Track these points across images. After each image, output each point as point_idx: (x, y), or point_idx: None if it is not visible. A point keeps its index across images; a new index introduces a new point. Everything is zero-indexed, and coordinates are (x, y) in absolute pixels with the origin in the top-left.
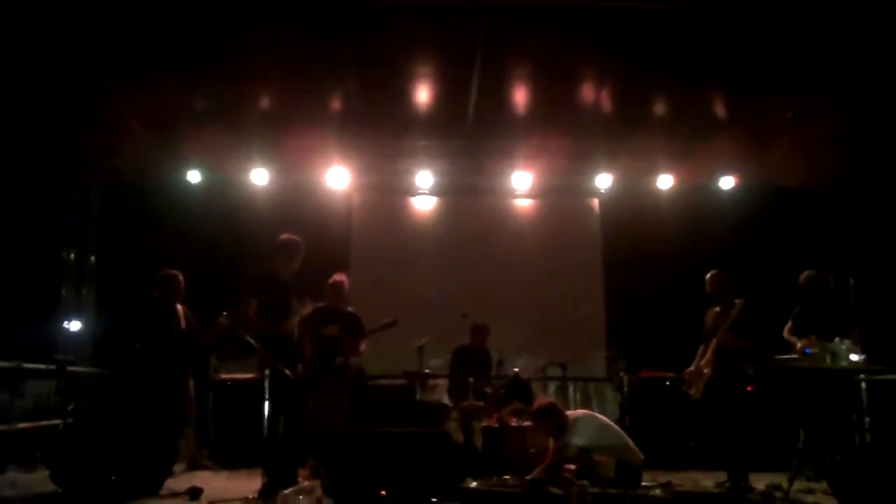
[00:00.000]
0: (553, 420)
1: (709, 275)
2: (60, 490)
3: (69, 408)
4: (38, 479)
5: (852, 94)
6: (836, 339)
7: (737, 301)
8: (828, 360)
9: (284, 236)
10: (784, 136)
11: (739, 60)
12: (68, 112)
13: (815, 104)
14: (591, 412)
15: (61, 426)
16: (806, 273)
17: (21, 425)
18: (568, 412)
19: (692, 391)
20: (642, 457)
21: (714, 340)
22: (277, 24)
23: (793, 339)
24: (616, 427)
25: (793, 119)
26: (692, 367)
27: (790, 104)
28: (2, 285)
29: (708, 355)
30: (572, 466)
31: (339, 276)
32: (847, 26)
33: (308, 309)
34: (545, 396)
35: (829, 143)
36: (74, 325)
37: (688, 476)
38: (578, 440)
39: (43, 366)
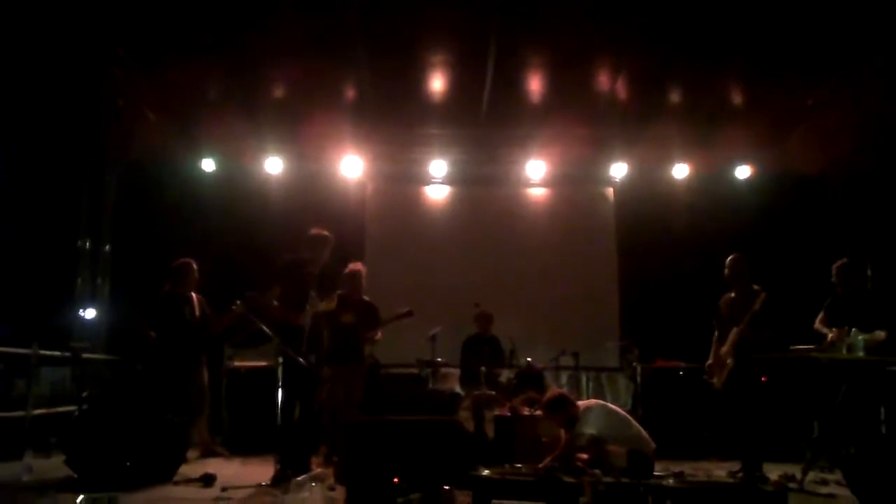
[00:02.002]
0: (564, 411)
1: (729, 258)
2: (76, 475)
3: (84, 394)
4: (54, 465)
5: (872, 82)
6: (853, 330)
7: (755, 287)
8: (843, 350)
9: (315, 230)
10: (802, 124)
11: (759, 47)
12: (84, 101)
13: (834, 91)
14: (602, 402)
15: (76, 413)
16: (837, 262)
17: (37, 411)
18: (579, 402)
19: (714, 381)
20: (654, 446)
21: (733, 331)
22: (292, 13)
23: (824, 329)
24: (627, 416)
25: (813, 107)
26: (711, 359)
27: (810, 92)
28: (18, 274)
29: (728, 345)
30: (584, 456)
31: (356, 266)
32: (867, 13)
33: (333, 304)
34: (556, 387)
35: (847, 132)
36: (89, 313)
37: (701, 466)
38: (590, 429)
39: (58, 353)
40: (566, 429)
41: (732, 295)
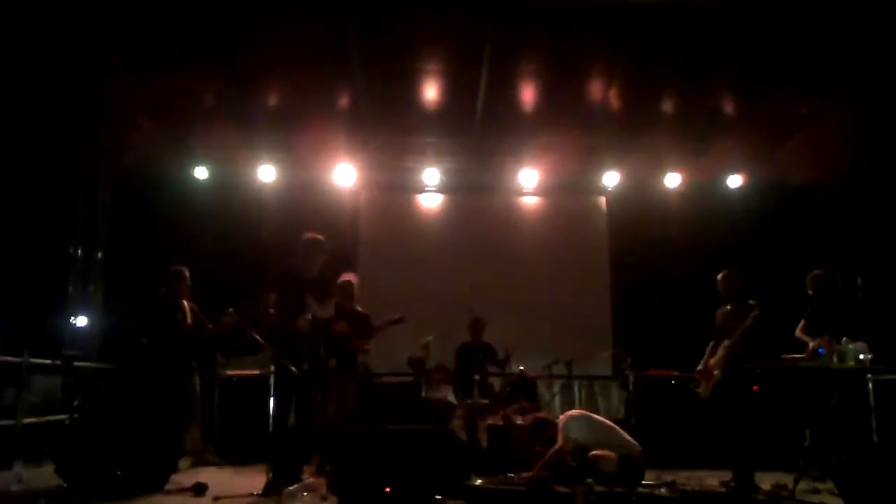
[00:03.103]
0: (545, 432)
1: (720, 275)
2: (66, 485)
3: (75, 403)
4: (45, 474)
5: (864, 91)
6: (844, 339)
7: (751, 302)
8: (834, 360)
9: (308, 235)
10: (795, 133)
11: (752, 57)
12: (78, 108)
13: (827, 101)
14: (583, 411)
15: (67, 421)
16: (811, 273)
17: (28, 420)
18: (561, 415)
19: (700, 390)
20: (640, 448)
21: (725, 344)
22: (285, 21)
23: (805, 338)
24: (610, 423)
25: (805, 116)
26: (701, 366)
27: (803, 101)
28: (10, 281)
29: (718, 356)
30: (573, 464)
31: (349, 276)
32: (859, 21)
33: (330, 311)
34: (531, 414)
35: (839, 141)
36: (81, 321)
37: (693, 475)
38: (574, 434)
39: (49, 361)
40: (550, 447)
41: (728, 308)
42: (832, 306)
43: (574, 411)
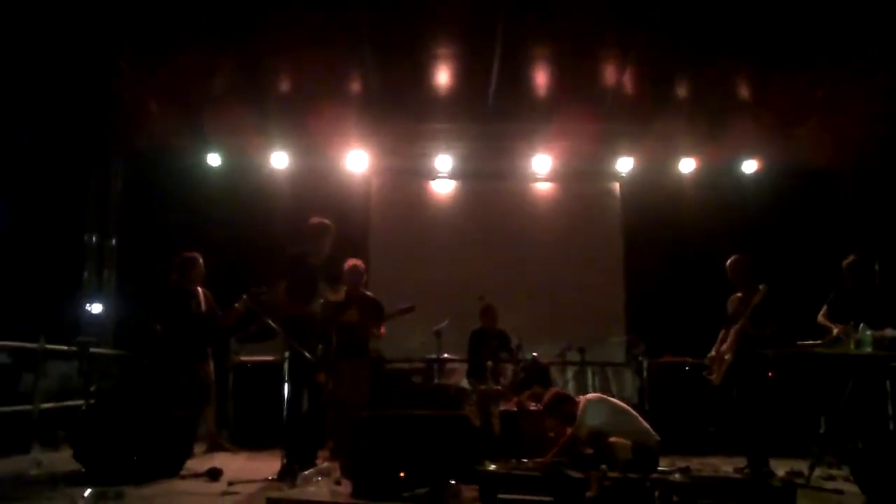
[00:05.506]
0: (564, 408)
1: (729, 261)
2: (83, 469)
3: (91, 389)
4: (62, 459)
5: (882, 74)
6: (861, 325)
7: (760, 287)
8: (851, 346)
9: (315, 219)
10: (811, 117)
11: (768, 40)
12: (90, 95)
13: (844, 84)
14: (603, 395)
15: (84, 407)
16: (849, 258)
17: (45, 405)
18: (581, 396)
19: (713, 377)
20: (658, 438)
21: (736, 327)
22: (297, 6)
23: (828, 324)
24: (630, 409)
25: (822, 99)
26: (713, 353)
27: (819, 85)
28: (26, 268)
29: (729, 341)
30: (590, 451)
31: (354, 261)
32: (878, 1)
33: (340, 294)
34: (554, 387)
35: (856, 125)
36: (96, 308)
37: (707, 462)
38: (591, 422)
39: (65, 347)
40: (568, 426)
41: (740, 295)
42: (860, 293)
43: (593, 395)
